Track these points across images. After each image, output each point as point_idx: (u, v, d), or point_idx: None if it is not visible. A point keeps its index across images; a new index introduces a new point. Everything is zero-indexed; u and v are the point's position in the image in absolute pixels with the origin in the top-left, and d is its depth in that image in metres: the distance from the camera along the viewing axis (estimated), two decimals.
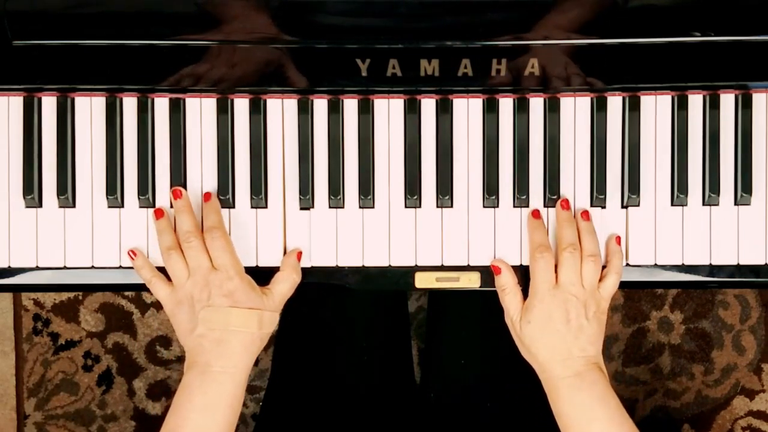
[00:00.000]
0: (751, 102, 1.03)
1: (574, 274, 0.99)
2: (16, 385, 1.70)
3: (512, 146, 1.03)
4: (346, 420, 1.15)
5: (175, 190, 1.01)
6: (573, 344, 0.97)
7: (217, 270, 0.97)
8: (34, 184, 1.02)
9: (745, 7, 0.98)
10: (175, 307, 0.98)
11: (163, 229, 1.01)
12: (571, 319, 0.98)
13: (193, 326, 0.97)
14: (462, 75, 1.00)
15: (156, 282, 1.00)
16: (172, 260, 0.99)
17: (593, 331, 0.99)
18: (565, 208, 1.02)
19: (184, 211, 1.00)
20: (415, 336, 1.65)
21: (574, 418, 0.97)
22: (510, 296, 1.01)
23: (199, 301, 0.97)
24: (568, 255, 0.99)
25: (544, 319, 0.98)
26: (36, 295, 1.69)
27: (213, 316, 0.96)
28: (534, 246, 1.01)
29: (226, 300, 0.96)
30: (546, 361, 0.98)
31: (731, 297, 1.70)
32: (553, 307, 0.98)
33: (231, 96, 1.03)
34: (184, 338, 0.98)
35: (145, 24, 0.99)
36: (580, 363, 0.97)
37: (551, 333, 0.98)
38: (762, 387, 1.71)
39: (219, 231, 0.99)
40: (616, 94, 1.03)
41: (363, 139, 1.03)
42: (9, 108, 1.03)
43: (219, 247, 0.98)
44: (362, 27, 0.99)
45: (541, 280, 0.99)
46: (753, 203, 1.03)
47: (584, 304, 0.99)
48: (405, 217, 1.03)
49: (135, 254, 1.01)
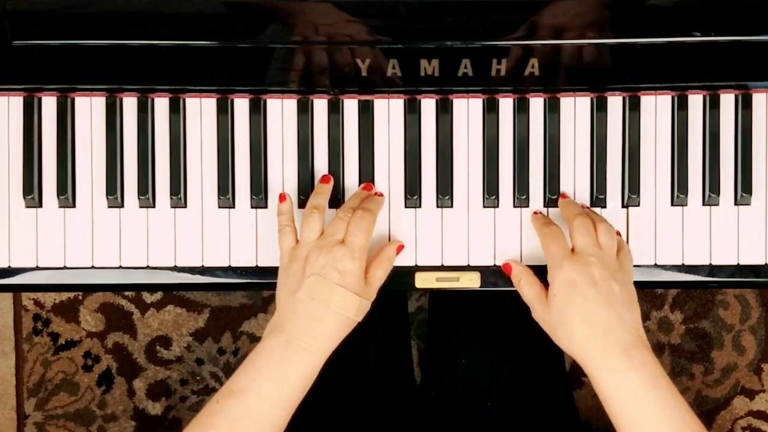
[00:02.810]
0: (751, 102, 1.03)
1: (589, 238, 0.94)
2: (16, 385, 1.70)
3: (512, 146, 1.03)
4: (346, 420, 1.15)
5: (367, 184, 1.02)
6: (608, 312, 0.90)
7: (345, 245, 0.95)
8: (34, 184, 1.02)
9: (745, 7, 0.98)
10: (289, 262, 0.96)
11: (322, 192, 1.00)
12: (597, 281, 0.91)
13: (296, 288, 0.94)
14: (462, 75, 1.00)
15: (288, 231, 0.99)
16: (312, 218, 0.97)
17: (626, 296, 0.92)
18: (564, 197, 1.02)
19: (360, 196, 1.00)
20: (415, 336, 1.65)
21: (624, 402, 0.89)
22: (527, 286, 0.98)
23: (311, 266, 0.94)
24: (579, 220, 0.95)
25: (568, 286, 0.92)
26: (36, 295, 1.69)
27: (318, 286, 0.93)
28: (539, 225, 0.99)
29: (339, 277, 0.94)
30: (584, 338, 0.91)
31: (731, 297, 1.70)
32: (575, 273, 0.92)
33: (231, 96, 1.03)
34: (283, 297, 0.95)
35: (145, 24, 0.99)
36: (624, 336, 0.90)
37: (580, 300, 0.91)
38: (762, 387, 1.71)
39: (371, 215, 0.97)
40: (616, 94, 1.03)
41: (363, 139, 1.03)
42: (9, 108, 1.03)
43: (361, 227, 0.96)
44: (362, 27, 0.99)
45: (555, 251, 0.95)
46: (753, 203, 1.03)
47: (608, 266, 0.93)
48: (405, 217, 1.03)
49: (285, 198, 1.00)
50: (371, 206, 0.99)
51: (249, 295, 1.71)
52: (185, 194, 1.03)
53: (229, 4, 0.99)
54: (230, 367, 1.70)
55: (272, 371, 0.92)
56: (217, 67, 1.00)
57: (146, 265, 1.03)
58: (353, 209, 0.98)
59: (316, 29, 0.99)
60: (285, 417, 0.93)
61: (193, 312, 1.70)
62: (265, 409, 0.92)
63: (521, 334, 1.17)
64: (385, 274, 0.99)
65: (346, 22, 0.99)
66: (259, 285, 1.05)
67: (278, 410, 0.92)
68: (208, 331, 1.70)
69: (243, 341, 1.71)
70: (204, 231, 1.03)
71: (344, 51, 0.99)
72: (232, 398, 0.91)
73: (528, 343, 1.17)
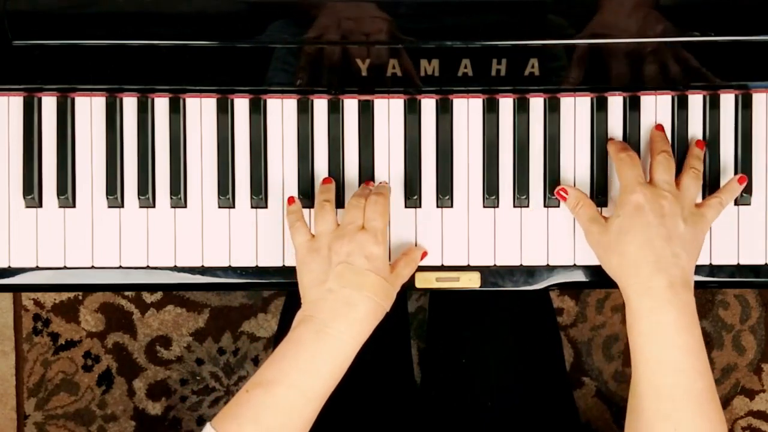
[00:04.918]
0: (751, 102, 1.03)
1: (669, 175, 0.95)
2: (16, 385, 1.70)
3: (512, 146, 1.03)
4: (346, 420, 1.15)
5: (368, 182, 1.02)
6: (666, 245, 0.90)
7: (366, 231, 0.95)
8: (34, 184, 1.02)
9: (745, 7, 0.98)
10: (308, 255, 0.96)
11: (329, 189, 1.00)
12: (665, 213, 0.91)
13: (324, 278, 0.94)
14: (462, 75, 1.00)
15: (300, 226, 0.99)
16: (324, 210, 0.97)
17: (690, 237, 0.92)
18: (659, 129, 1.01)
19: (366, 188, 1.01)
20: (415, 336, 1.65)
21: (653, 339, 0.90)
22: (585, 207, 0.99)
23: (337, 254, 0.94)
24: (661, 158, 0.95)
25: (635, 210, 0.92)
26: (36, 295, 1.69)
27: (350, 273, 0.93)
28: (614, 151, 0.98)
29: (366, 262, 0.94)
30: (634, 261, 0.91)
31: (731, 297, 1.70)
32: (645, 199, 0.92)
33: (231, 96, 1.03)
34: (309, 289, 0.95)
35: (145, 24, 0.99)
36: (675, 273, 0.90)
37: (642, 226, 0.91)
38: (762, 387, 1.71)
39: (384, 198, 0.97)
40: (616, 94, 1.03)
41: (363, 139, 1.03)
42: (9, 108, 1.03)
43: (378, 211, 0.96)
44: (362, 27, 0.99)
45: (629, 175, 0.95)
46: (753, 203, 1.03)
47: (681, 205, 0.93)
48: (405, 217, 1.03)
49: (293, 200, 1.01)
50: (382, 191, 0.99)
51: (249, 295, 1.71)
52: (185, 194, 1.03)
53: (229, 3, 0.99)
54: (230, 367, 1.70)
55: (301, 361, 0.91)
56: (217, 67, 1.00)
57: (146, 265, 1.03)
58: (365, 198, 0.98)
59: (316, 29, 0.99)
60: (314, 409, 0.91)
61: (193, 312, 1.70)
62: (293, 400, 0.90)
63: (521, 334, 1.17)
64: (410, 272, 1.00)
65: (346, 21, 0.99)
66: (259, 285, 1.05)
67: (306, 401, 0.91)
68: (208, 331, 1.70)
69: (243, 341, 1.71)
70: (204, 231, 1.03)
71: (344, 51, 0.99)
72: (260, 389, 0.90)
73: (528, 344, 1.17)
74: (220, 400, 1.70)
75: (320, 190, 1.01)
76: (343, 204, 1.03)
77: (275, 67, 1.00)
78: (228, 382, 1.71)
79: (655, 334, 0.90)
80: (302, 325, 0.93)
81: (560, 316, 1.71)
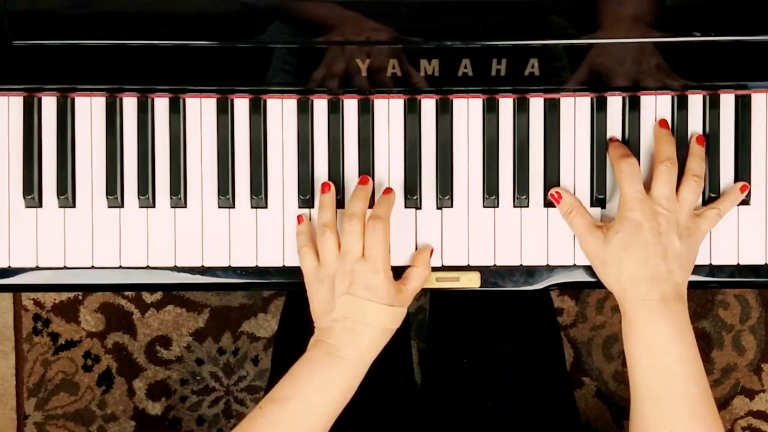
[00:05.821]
0: (750, 102, 1.03)
1: (668, 189, 0.96)
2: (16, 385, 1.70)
3: (512, 146, 1.03)
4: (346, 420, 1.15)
5: (364, 177, 1.02)
6: (661, 263, 0.94)
7: (366, 260, 0.96)
8: (34, 184, 1.03)
9: (745, 7, 0.98)
10: (315, 283, 0.98)
11: (327, 205, 1.00)
12: (662, 232, 0.94)
13: (330, 308, 0.96)
14: (462, 75, 1.00)
15: (308, 252, 0.99)
16: (325, 237, 0.98)
17: (685, 255, 0.95)
18: (663, 126, 1.01)
19: (360, 196, 1.00)
20: (415, 336, 1.65)
21: (646, 346, 0.93)
22: (578, 217, 0.99)
23: (339, 285, 0.96)
24: (664, 168, 0.97)
25: (633, 228, 0.95)
26: (36, 295, 1.69)
27: (351, 305, 0.95)
28: (617, 157, 0.99)
29: (367, 293, 0.95)
30: (631, 276, 0.94)
31: (731, 297, 1.70)
32: (644, 217, 0.94)
33: (231, 96, 1.03)
34: (319, 317, 0.98)
35: (145, 24, 0.99)
36: (668, 288, 0.94)
37: (640, 245, 0.94)
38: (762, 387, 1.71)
39: (383, 223, 0.97)
40: (616, 94, 1.03)
41: (363, 139, 1.03)
42: (9, 108, 1.03)
43: (377, 239, 0.97)
44: (362, 27, 0.99)
45: (629, 190, 0.96)
46: (753, 203, 1.03)
47: (677, 222, 0.95)
48: (405, 217, 1.03)
49: (301, 219, 1.01)
50: (382, 212, 0.99)
51: (249, 295, 1.71)
52: (185, 194, 1.03)
53: (229, 3, 0.99)
54: (230, 367, 1.70)
55: (314, 378, 0.94)
56: (217, 67, 1.00)
57: (146, 265, 1.03)
58: (360, 217, 0.98)
59: (316, 29, 0.99)
60: (325, 425, 0.95)
61: (193, 312, 1.70)
62: (305, 415, 0.94)
63: (522, 334, 1.17)
64: (422, 279, 1.01)
65: (346, 21, 0.99)
66: (259, 285, 1.05)
67: (318, 417, 0.94)
68: (208, 331, 1.70)
69: (243, 341, 1.71)
70: (204, 231, 1.03)
71: (344, 51, 0.99)
72: (274, 404, 0.94)
73: (528, 344, 1.17)
74: (220, 400, 1.70)
75: (320, 207, 1.01)
76: (343, 204, 1.03)
77: (275, 67, 1.00)
78: (228, 382, 1.71)
79: (649, 342, 0.94)
80: (315, 348, 0.97)
81: (560, 316, 1.71)
